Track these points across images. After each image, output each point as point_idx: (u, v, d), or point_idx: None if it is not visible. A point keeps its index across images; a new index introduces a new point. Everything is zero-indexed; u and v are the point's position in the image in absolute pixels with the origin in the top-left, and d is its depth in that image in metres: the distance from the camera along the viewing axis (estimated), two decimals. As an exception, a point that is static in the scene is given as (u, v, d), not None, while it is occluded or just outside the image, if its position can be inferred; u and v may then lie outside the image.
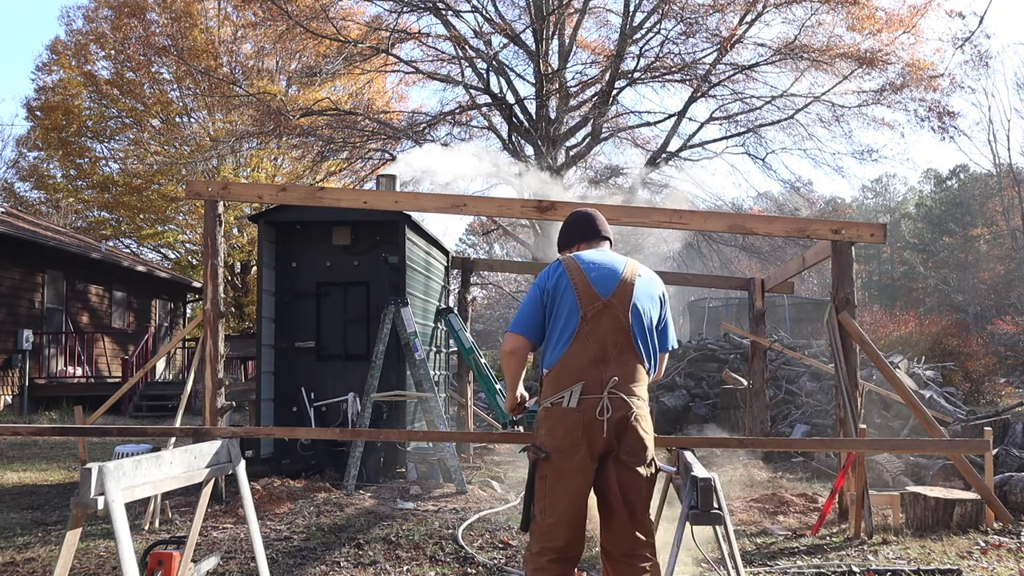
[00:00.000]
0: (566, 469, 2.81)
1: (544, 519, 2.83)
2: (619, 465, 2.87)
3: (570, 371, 2.87)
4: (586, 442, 2.81)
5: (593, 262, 3.00)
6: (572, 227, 3.26)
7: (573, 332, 2.89)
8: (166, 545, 3.56)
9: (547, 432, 2.86)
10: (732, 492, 6.88)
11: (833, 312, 5.94)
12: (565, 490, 2.82)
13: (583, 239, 3.20)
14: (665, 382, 13.68)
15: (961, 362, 13.49)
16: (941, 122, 19.59)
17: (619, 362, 2.90)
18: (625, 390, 2.88)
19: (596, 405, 2.82)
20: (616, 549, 2.91)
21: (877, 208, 52.96)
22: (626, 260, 3.08)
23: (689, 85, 19.85)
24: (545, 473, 2.84)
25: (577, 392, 2.83)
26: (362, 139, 19.92)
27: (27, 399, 15.30)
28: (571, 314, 2.90)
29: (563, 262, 3.01)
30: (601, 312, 2.91)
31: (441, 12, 19.29)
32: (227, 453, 3.62)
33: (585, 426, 2.82)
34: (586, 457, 2.82)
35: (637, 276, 3.03)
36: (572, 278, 2.94)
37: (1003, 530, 5.31)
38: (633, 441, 2.89)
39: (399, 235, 8.10)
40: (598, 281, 2.94)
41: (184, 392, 6.42)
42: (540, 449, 2.85)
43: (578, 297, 2.91)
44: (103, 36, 25.41)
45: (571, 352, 2.88)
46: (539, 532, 2.84)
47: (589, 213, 3.29)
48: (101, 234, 25.29)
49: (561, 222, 3.38)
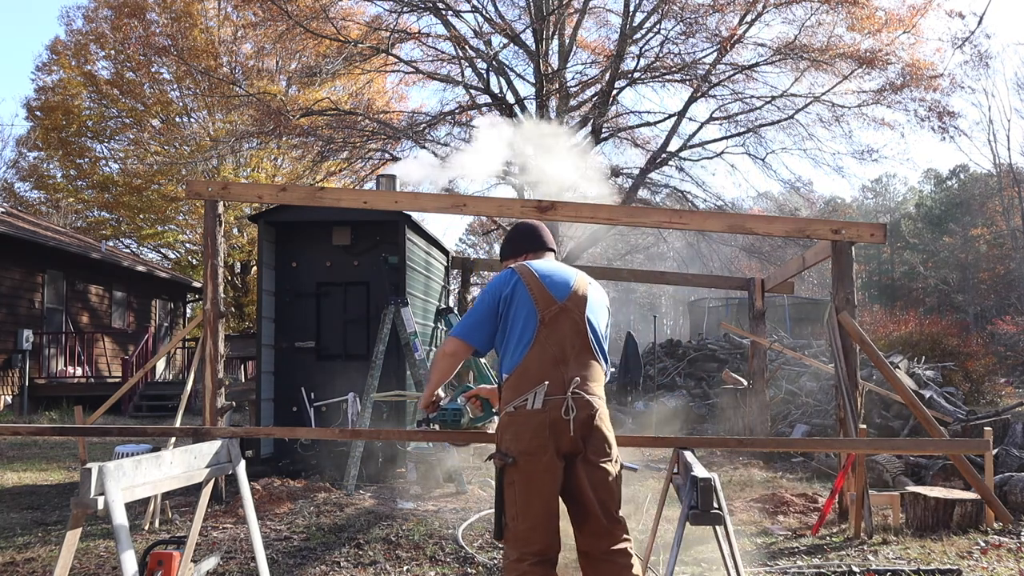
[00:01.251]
0: (535, 471, 2.82)
1: (518, 525, 2.82)
2: (588, 465, 2.90)
3: (531, 374, 2.88)
4: (553, 442, 2.83)
5: (546, 269, 3.06)
6: (519, 238, 3.30)
7: (532, 335, 2.92)
8: (166, 545, 3.56)
9: (513, 436, 2.86)
10: (732, 492, 6.88)
11: (833, 312, 5.94)
12: (536, 493, 2.82)
13: (529, 250, 3.25)
14: (665, 382, 13.70)
15: (961, 362, 13.48)
16: (941, 122, 19.59)
17: (579, 362, 2.95)
18: (587, 389, 2.92)
19: (561, 405, 2.84)
20: (596, 549, 2.92)
21: (877, 208, 52.98)
22: (575, 270, 3.17)
23: (689, 85, 19.85)
24: (514, 479, 2.84)
25: (541, 393, 2.84)
26: (362, 139, 19.91)
27: (27, 399, 15.30)
28: (529, 318, 2.94)
29: (516, 270, 3.05)
30: (558, 315, 2.95)
31: (441, 12, 19.29)
32: (227, 453, 3.62)
33: (551, 426, 2.83)
34: (554, 457, 2.83)
35: (588, 284, 3.12)
36: (527, 284, 2.98)
37: (1003, 530, 5.31)
38: (599, 440, 2.92)
39: (399, 235, 8.10)
40: (553, 286, 2.99)
41: (184, 392, 6.41)
42: (506, 454, 2.84)
43: (535, 301, 2.95)
44: (103, 36, 25.41)
45: (531, 355, 2.90)
46: (515, 538, 2.84)
47: (534, 225, 3.33)
48: (101, 234, 25.29)
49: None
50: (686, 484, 3.13)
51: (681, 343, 16.48)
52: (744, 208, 25.51)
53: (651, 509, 6.11)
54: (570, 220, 7.34)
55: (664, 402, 12.72)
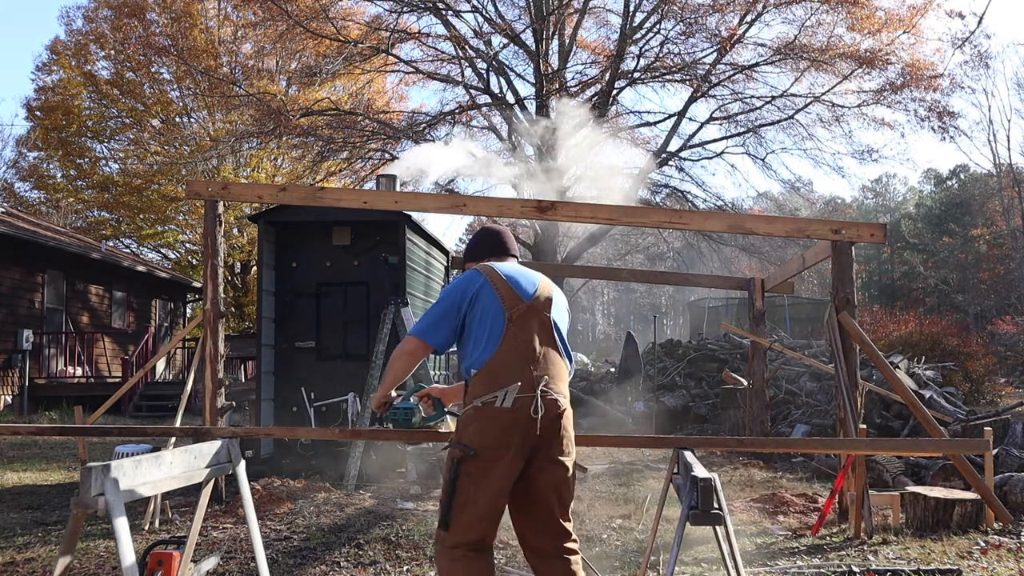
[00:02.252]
0: (494, 468, 2.85)
1: (464, 515, 2.85)
2: (550, 463, 2.94)
3: (501, 371, 2.91)
4: (518, 440, 2.86)
5: (510, 271, 3.11)
6: (482, 242, 3.34)
7: (501, 333, 2.95)
8: (166, 545, 3.56)
9: (478, 430, 2.88)
10: (732, 492, 6.88)
11: (833, 312, 5.94)
12: (490, 488, 2.85)
13: (492, 254, 3.29)
14: (665, 382, 13.69)
15: (961, 362, 13.47)
16: (941, 122, 19.59)
17: (547, 361, 2.99)
18: (555, 388, 2.96)
19: (529, 404, 2.88)
20: (549, 545, 2.96)
21: (877, 208, 52.99)
22: (538, 273, 3.22)
23: (689, 85, 19.86)
24: (471, 471, 2.86)
25: (513, 393, 2.87)
26: (362, 139, 19.92)
27: (27, 399, 15.30)
28: (497, 317, 2.97)
29: (481, 270, 3.09)
30: (526, 314, 3.00)
31: (441, 12, 19.29)
32: (227, 453, 3.62)
33: (518, 425, 2.86)
34: (516, 456, 2.87)
35: (551, 286, 3.19)
36: (494, 283, 3.03)
37: (1003, 530, 5.31)
38: (562, 439, 2.97)
39: (399, 235, 8.10)
40: (518, 286, 3.04)
41: (184, 392, 6.41)
42: (468, 447, 2.87)
43: (502, 300, 2.99)
44: (103, 36, 25.41)
45: (501, 353, 2.93)
46: (457, 527, 2.86)
47: (499, 231, 3.38)
48: (101, 234, 25.29)
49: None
50: (686, 484, 3.14)
51: (681, 343, 16.47)
52: (744, 208, 25.52)
53: (651, 509, 6.11)
54: (570, 220, 7.34)
55: (664, 402, 12.71)
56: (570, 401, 3.05)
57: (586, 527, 5.54)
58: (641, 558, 4.48)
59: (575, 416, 10.42)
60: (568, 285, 32.39)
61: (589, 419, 12.77)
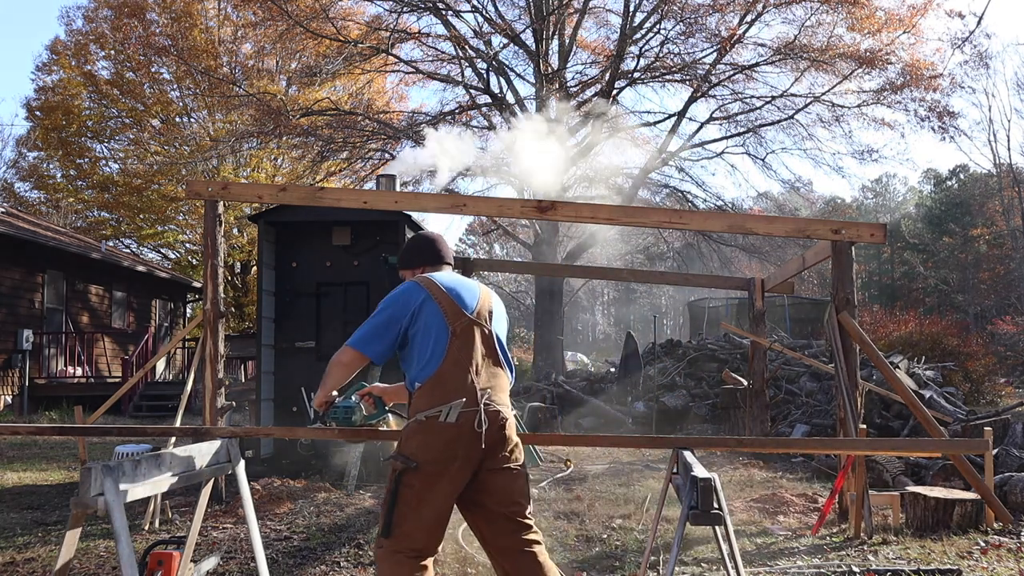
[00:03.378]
0: (438, 481, 2.87)
1: (406, 525, 2.86)
2: (498, 469, 2.98)
3: (446, 385, 2.93)
4: (463, 454, 2.89)
5: (451, 283, 3.12)
6: (417, 249, 3.33)
7: (445, 347, 2.97)
8: (166, 545, 3.56)
9: (421, 444, 2.89)
10: (732, 492, 6.88)
11: (833, 312, 5.93)
12: (432, 500, 2.87)
13: (428, 263, 3.29)
14: (665, 382, 13.69)
15: (961, 362, 13.48)
16: (941, 122, 19.60)
17: (489, 373, 3.03)
18: (498, 400, 3.00)
19: (473, 418, 2.90)
20: (513, 543, 3.00)
21: (877, 208, 52.98)
22: (478, 283, 3.23)
23: (689, 85, 19.86)
24: (413, 483, 2.87)
25: (457, 408, 2.89)
26: (362, 139, 19.92)
27: (27, 399, 15.30)
28: (440, 331, 2.98)
29: (422, 284, 3.09)
30: (468, 327, 3.02)
31: (441, 12, 19.30)
32: (227, 453, 3.62)
33: (462, 439, 2.88)
34: (461, 469, 2.89)
35: (491, 296, 3.21)
36: (436, 297, 3.03)
37: (1003, 530, 5.31)
38: (507, 448, 3.01)
39: (399, 235, 8.10)
40: (460, 299, 3.05)
41: (184, 392, 6.41)
42: (410, 460, 2.88)
43: (445, 314, 3.00)
44: (103, 36, 25.41)
45: (444, 367, 2.95)
46: (400, 535, 2.87)
47: (434, 238, 3.38)
48: (101, 234, 25.28)
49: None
50: (686, 484, 3.14)
51: (681, 343, 16.46)
52: (744, 208, 25.53)
53: (651, 509, 6.11)
54: (570, 220, 7.34)
55: (664, 402, 12.71)
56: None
57: (586, 527, 5.54)
58: (641, 558, 4.48)
59: (576, 416, 10.43)
60: (568, 285, 32.39)
61: (589, 419, 12.77)
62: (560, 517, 5.89)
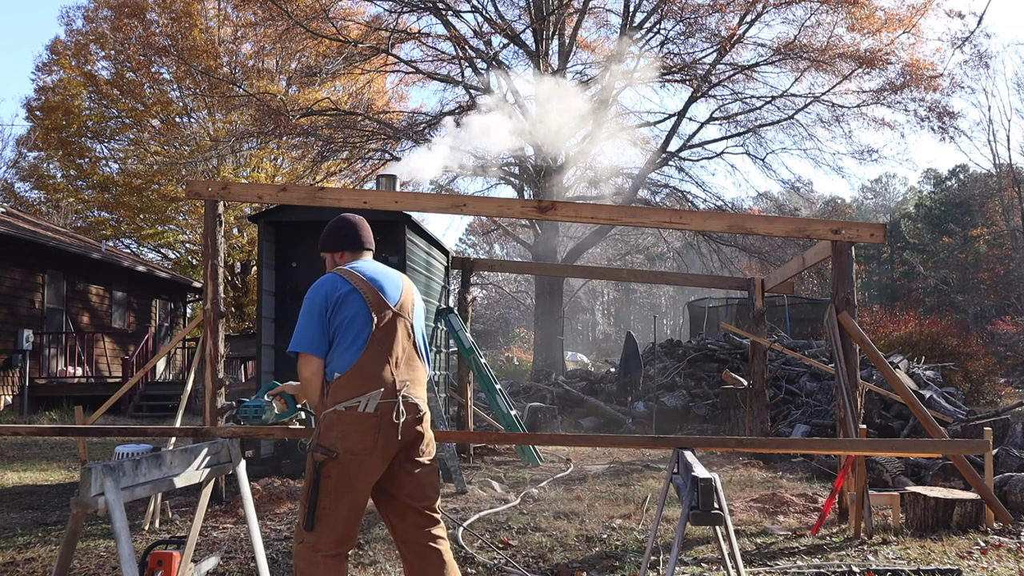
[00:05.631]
0: (356, 471, 2.91)
1: (328, 516, 2.90)
2: (412, 463, 3.04)
3: (365, 376, 2.96)
4: (381, 445, 2.93)
5: (374, 274, 3.13)
6: (338, 232, 3.35)
7: (366, 339, 2.99)
8: (166, 545, 3.56)
9: (340, 435, 2.92)
10: (732, 492, 6.88)
11: (833, 312, 5.94)
12: (351, 490, 2.91)
13: (348, 247, 3.30)
14: (665, 382, 13.69)
15: (961, 362, 13.49)
16: (941, 122, 19.61)
17: (408, 367, 3.07)
18: (416, 393, 3.05)
19: (391, 409, 2.95)
20: (420, 536, 3.06)
21: (877, 208, 52.98)
22: (399, 274, 3.25)
23: (689, 85, 19.87)
24: (331, 473, 2.90)
25: (376, 398, 2.93)
26: (362, 139, 19.93)
27: (27, 399, 15.30)
28: (363, 322, 3.00)
29: (345, 276, 3.09)
30: (391, 320, 3.06)
31: (441, 12, 19.31)
32: (227, 453, 3.63)
33: (380, 430, 2.93)
34: (379, 460, 2.94)
35: (413, 288, 3.24)
36: (360, 288, 3.05)
37: (1003, 530, 5.31)
38: (422, 441, 3.07)
39: (399, 235, 8.09)
40: (383, 291, 3.08)
41: (184, 392, 6.41)
42: (331, 450, 2.90)
43: (369, 306, 3.02)
44: (103, 36, 25.41)
45: (365, 358, 2.97)
46: (322, 528, 2.90)
47: (356, 222, 3.39)
48: (101, 234, 25.28)
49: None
50: (686, 484, 3.14)
51: (681, 343, 16.46)
52: (744, 208, 25.53)
53: (651, 509, 6.12)
54: (570, 220, 7.34)
55: (664, 402, 12.71)
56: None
57: (586, 527, 5.54)
58: (641, 558, 4.48)
59: (576, 416, 10.45)
60: (568, 285, 32.40)
61: (589, 419, 12.77)
62: (560, 517, 5.89)
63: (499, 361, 30.46)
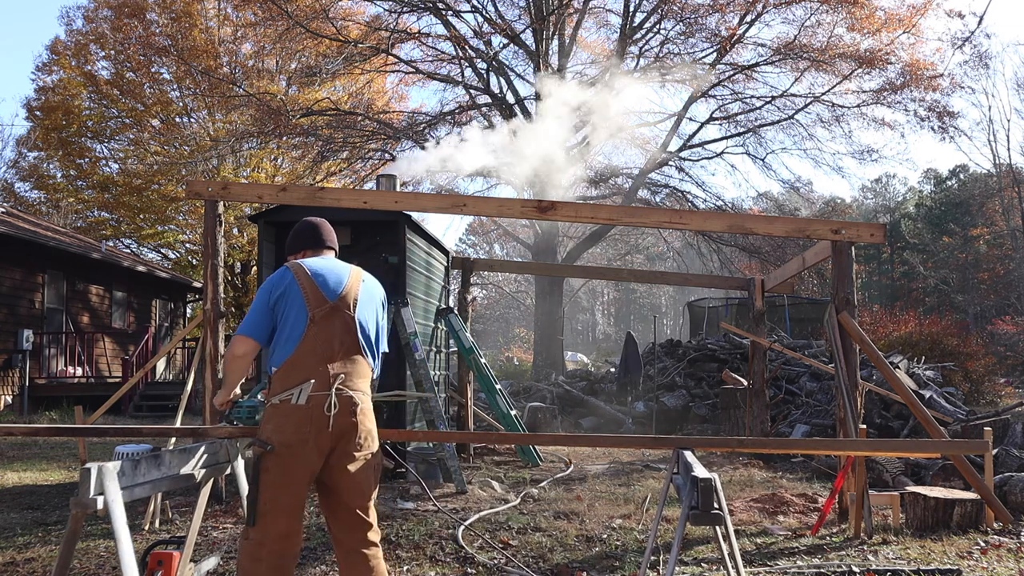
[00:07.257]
0: (292, 463, 2.94)
1: (269, 510, 2.92)
2: (346, 458, 3.05)
3: (299, 369, 3.00)
4: (314, 437, 2.96)
5: (319, 268, 3.17)
6: (299, 235, 3.40)
7: (302, 333, 3.03)
8: (166, 545, 3.56)
9: (275, 428, 2.97)
10: (732, 492, 6.88)
11: (833, 312, 5.94)
12: (288, 483, 2.94)
13: (308, 247, 3.35)
14: (665, 382, 13.69)
15: (961, 362, 13.49)
16: (941, 122, 19.62)
17: (345, 360, 3.09)
18: (351, 386, 3.07)
19: (324, 402, 2.98)
20: (350, 539, 3.06)
21: (877, 208, 52.95)
22: (351, 267, 3.29)
23: (689, 85, 19.87)
24: (269, 466, 2.94)
25: (307, 390, 2.97)
26: (362, 139, 19.93)
27: (27, 399, 15.30)
28: (299, 316, 3.05)
29: (290, 268, 3.15)
30: (329, 314, 3.08)
31: (441, 12, 19.31)
32: (226, 453, 3.63)
33: (313, 422, 2.96)
34: (313, 452, 2.97)
35: (361, 282, 3.26)
36: (300, 282, 3.09)
37: (1003, 530, 5.31)
38: (360, 435, 3.08)
39: (399, 235, 8.09)
40: (324, 285, 3.11)
41: (184, 392, 6.42)
42: (266, 443, 2.95)
43: (306, 299, 3.06)
44: (103, 36, 25.39)
45: (300, 351, 3.02)
46: (264, 522, 2.93)
47: (316, 223, 3.43)
48: (101, 234, 25.28)
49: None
50: (686, 484, 3.14)
51: (681, 343, 16.46)
52: (744, 208, 25.53)
53: (651, 509, 6.12)
54: (570, 220, 7.34)
55: (664, 402, 12.71)
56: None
57: (586, 527, 5.54)
58: (641, 558, 4.48)
59: (576, 416, 10.44)
60: (568, 285, 32.39)
61: (589, 419, 12.77)
62: (560, 517, 5.89)
63: (499, 361, 30.46)
